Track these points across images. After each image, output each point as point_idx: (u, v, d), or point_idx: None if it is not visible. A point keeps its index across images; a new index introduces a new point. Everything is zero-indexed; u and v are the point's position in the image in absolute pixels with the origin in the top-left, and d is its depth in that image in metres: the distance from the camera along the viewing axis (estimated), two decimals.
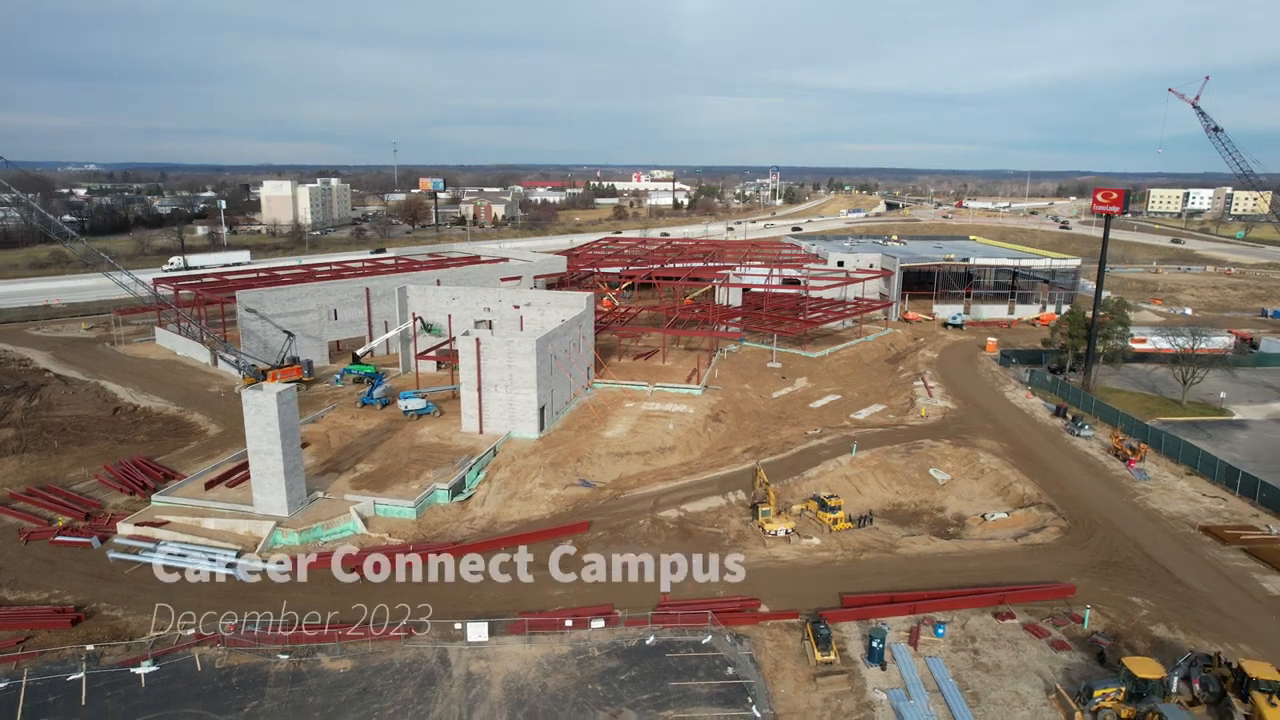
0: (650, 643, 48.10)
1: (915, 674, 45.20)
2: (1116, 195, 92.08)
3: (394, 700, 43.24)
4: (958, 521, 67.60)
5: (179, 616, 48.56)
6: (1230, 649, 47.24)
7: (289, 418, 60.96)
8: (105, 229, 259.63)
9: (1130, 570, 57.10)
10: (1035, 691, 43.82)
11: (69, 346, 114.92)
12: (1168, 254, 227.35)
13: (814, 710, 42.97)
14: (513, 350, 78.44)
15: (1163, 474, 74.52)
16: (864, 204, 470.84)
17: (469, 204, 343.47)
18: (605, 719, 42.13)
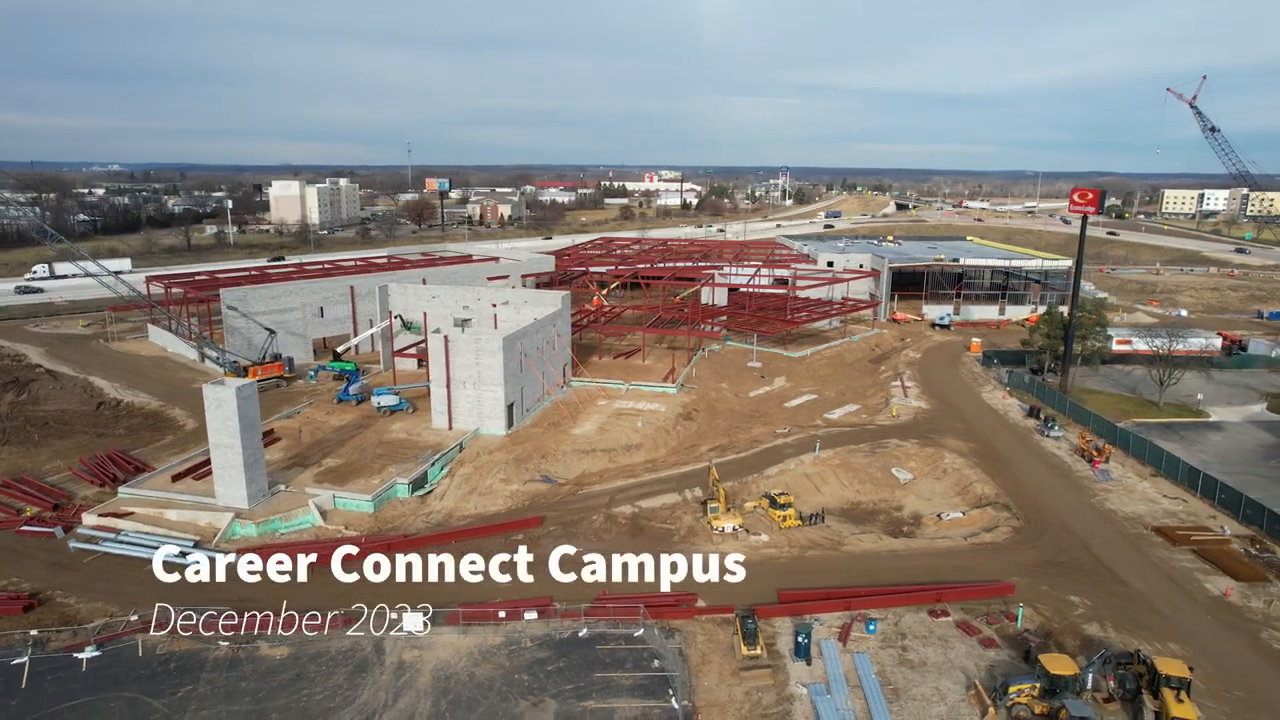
0: (583, 635, 48.94)
1: (840, 669, 45.71)
2: (1092, 195, 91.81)
3: (324, 686, 44.36)
4: (914, 520, 67.88)
5: (133, 605, 50.06)
6: (1158, 648, 47.35)
7: (249, 412, 62.35)
8: (117, 228, 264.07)
9: (1074, 570, 57.19)
10: (956, 688, 44.18)
11: (64, 343, 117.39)
12: (1173, 255, 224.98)
13: (734, 703, 43.61)
14: (480, 348, 79.51)
15: (1127, 475, 74.29)
16: (874, 205, 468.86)
17: (476, 204, 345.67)
18: (526, 708, 43.01)
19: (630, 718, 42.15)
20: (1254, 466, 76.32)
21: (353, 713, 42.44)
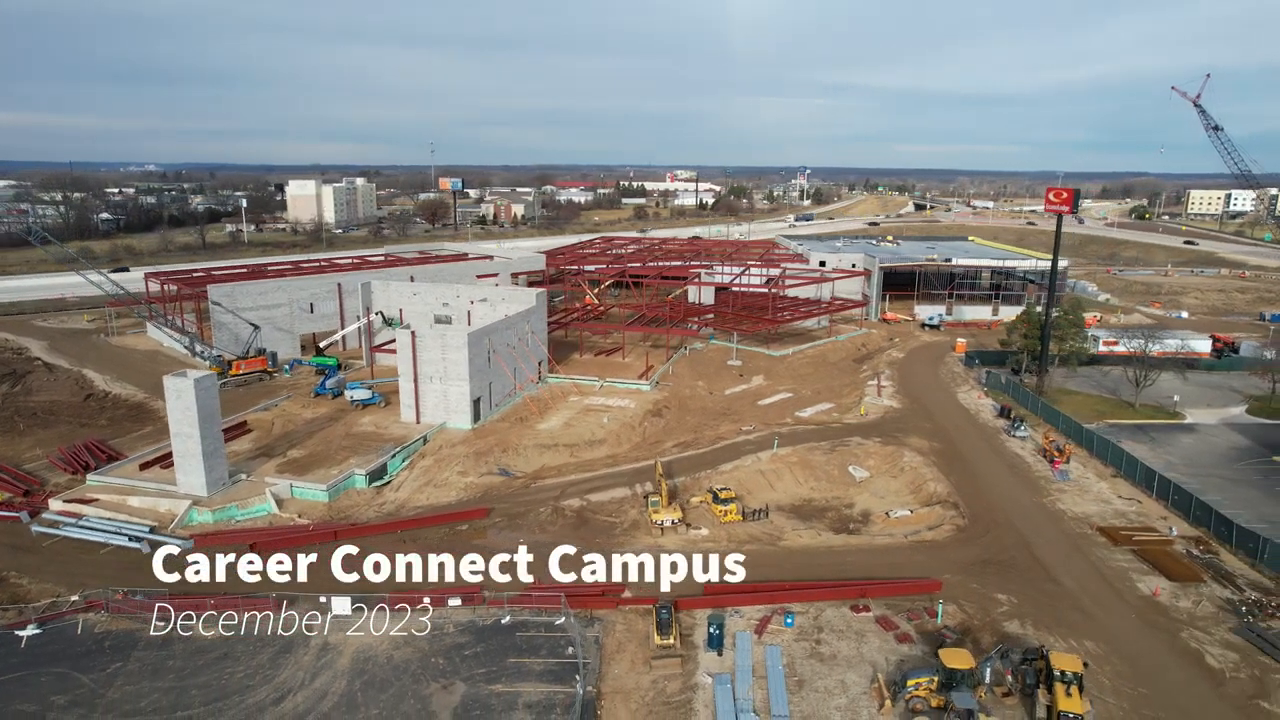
0: (506, 622, 50.17)
1: (750, 660, 46.42)
2: (1066, 195, 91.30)
3: (248, 665, 46.03)
4: (863, 518, 68.16)
5: (81, 587, 52.24)
6: (1073, 645, 47.50)
7: (207, 403, 64.41)
8: (139, 227, 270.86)
9: (1009, 568, 57.25)
10: (861, 680, 44.70)
11: (67, 337, 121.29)
12: (1187, 256, 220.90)
13: (640, 690, 44.54)
14: (446, 344, 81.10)
15: (1087, 476, 73.86)
16: (892, 205, 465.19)
17: (490, 204, 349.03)
18: (436, 690, 44.32)
19: (534, 701, 43.26)
20: (1219, 468, 75.48)
21: (269, 690, 44.04)
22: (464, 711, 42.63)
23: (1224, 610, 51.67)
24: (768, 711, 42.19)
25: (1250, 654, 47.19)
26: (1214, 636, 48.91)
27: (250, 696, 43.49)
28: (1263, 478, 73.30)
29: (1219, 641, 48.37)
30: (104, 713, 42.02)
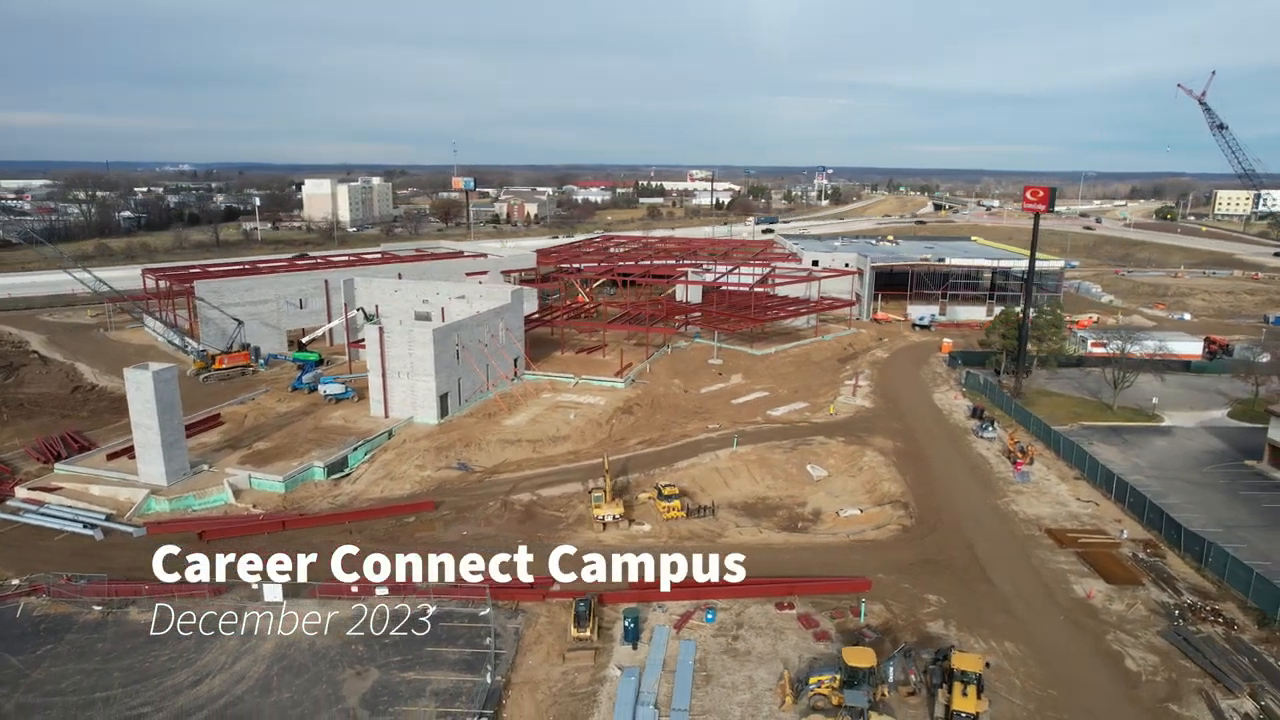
0: (432, 612, 50.87)
1: (662, 654, 46.72)
2: (1043, 193, 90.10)
3: (174, 649, 47.21)
4: (814, 516, 68.01)
5: (31, 571, 53.98)
6: (992, 646, 47.24)
7: (166, 395, 66.06)
8: (160, 225, 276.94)
9: (946, 569, 56.83)
10: (769, 677, 44.74)
11: (68, 331, 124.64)
12: (1201, 257, 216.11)
13: (549, 681, 45.04)
14: (413, 339, 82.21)
15: (1049, 477, 72.98)
16: (911, 205, 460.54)
17: (504, 203, 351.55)
18: (350, 676, 45.22)
19: (442, 689, 43.97)
20: (1186, 472, 74.12)
21: (189, 673, 45.22)
22: (372, 697, 43.47)
23: (1156, 614, 50.88)
24: (669, 705, 42.43)
25: (1172, 658, 46.48)
26: (1139, 640, 48.23)
27: (169, 679, 44.70)
28: (1230, 482, 71.88)
29: (1143, 645, 47.70)
30: (25, 692, 43.44)
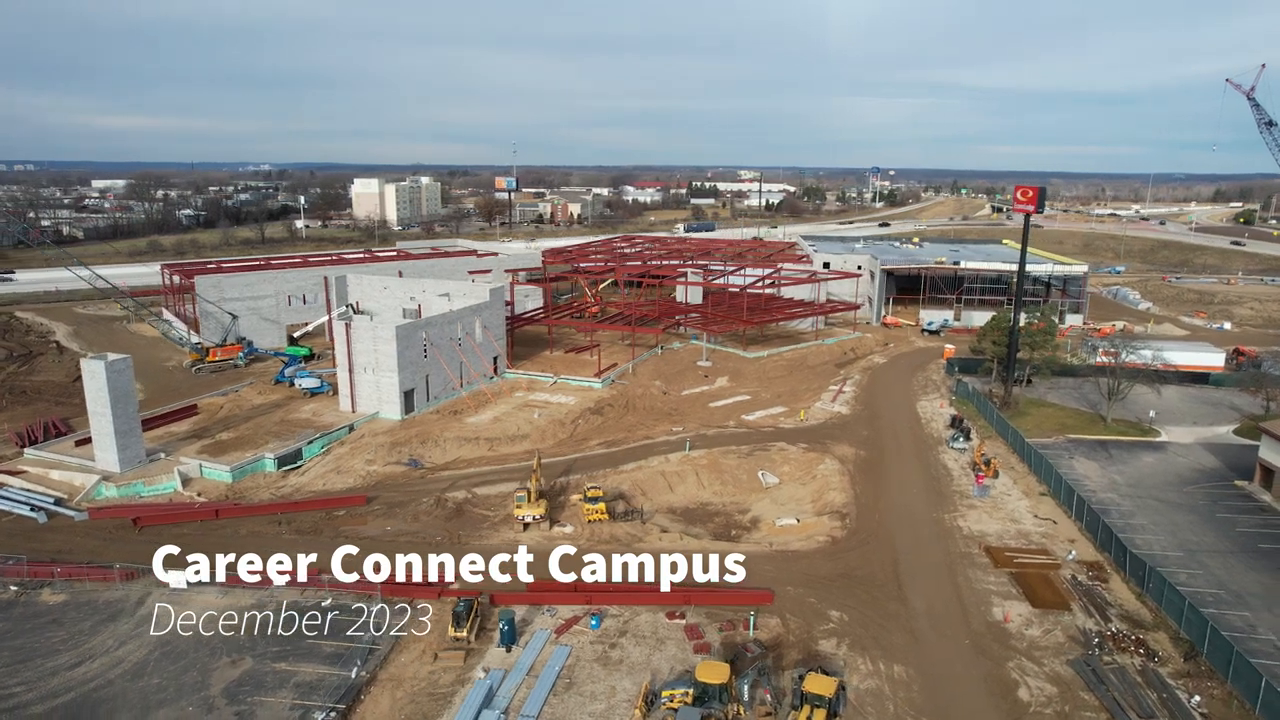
0: (325, 604, 51.26)
1: (533, 659, 45.94)
2: (1032, 194, 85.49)
3: (71, 631, 48.79)
4: (752, 525, 66.14)
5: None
6: (881, 669, 44.88)
7: (119, 385, 68.54)
8: (212, 223, 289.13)
9: (863, 585, 54.32)
10: (633, 688, 43.39)
11: (92, 323, 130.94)
12: (1266, 263, 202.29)
13: (414, 679, 44.77)
14: (377, 335, 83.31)
15: (1011, 492, 69.23)
16: (968, 207, 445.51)
17: (547, 203, 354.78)
18: (224, 664, 45.88)
19: (304, 681, 44.18)
20: (1164, 491, 69.22)
21: (73, 655, 46.57)
22: (236, 686, 43.98)
23: (1074, 641, 47.53)
24: (518, 711, 41.63)
25: (1074, 689, 43.28)
26: (1044, 668, 45.09)
27: (53, 660, 46.12)
28: (1209, 503, 66.82)
29: (1045, 674, 44.56)
30: None
